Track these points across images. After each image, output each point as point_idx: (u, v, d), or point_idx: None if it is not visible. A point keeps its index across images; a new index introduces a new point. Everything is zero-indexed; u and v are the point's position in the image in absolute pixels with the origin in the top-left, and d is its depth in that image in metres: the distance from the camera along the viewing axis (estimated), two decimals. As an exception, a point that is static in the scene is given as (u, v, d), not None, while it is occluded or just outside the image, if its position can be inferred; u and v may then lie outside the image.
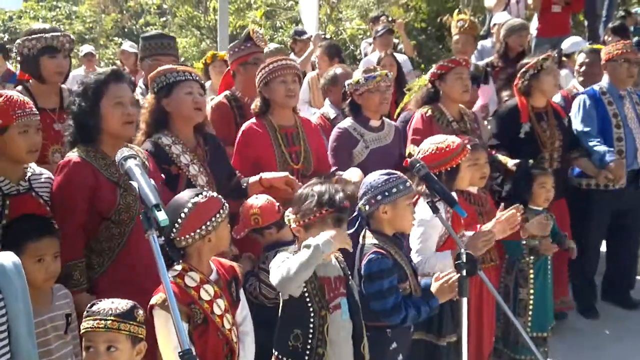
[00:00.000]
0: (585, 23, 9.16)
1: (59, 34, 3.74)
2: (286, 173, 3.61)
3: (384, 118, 4.37)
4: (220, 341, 2.57)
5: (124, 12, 19.36)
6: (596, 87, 5.12)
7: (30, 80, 3.76)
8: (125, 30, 18.96)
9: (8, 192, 2.87)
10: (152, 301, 2.47)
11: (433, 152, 3.54)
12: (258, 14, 17.49)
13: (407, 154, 4.09)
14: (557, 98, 5.26)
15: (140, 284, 2.79)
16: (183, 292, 2.49)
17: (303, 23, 9.60)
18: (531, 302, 4.10)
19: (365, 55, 7.77)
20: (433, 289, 2.97)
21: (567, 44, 6.61)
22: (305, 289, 2.68)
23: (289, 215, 2.84)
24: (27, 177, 2.98)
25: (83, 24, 16.84)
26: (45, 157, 3.49)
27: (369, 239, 3.01)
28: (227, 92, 4.52)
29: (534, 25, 7.62)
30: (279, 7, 17.81)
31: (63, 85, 3.88)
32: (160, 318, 2.45)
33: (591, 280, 5.31)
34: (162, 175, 3.25)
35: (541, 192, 4.21)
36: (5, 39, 15.47)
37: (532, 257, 4.12)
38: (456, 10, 6.76)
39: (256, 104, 3.93)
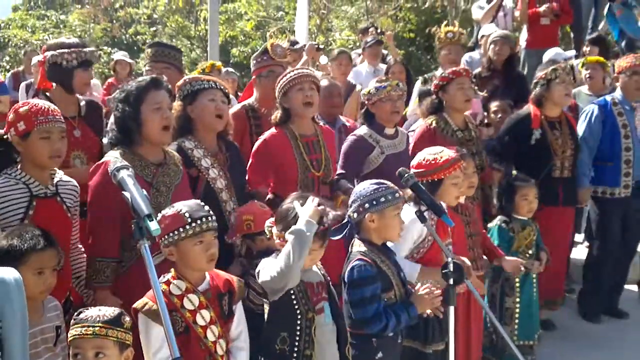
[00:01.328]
0: (572, 35, 9.27)
1: (93, 49, 3.99)
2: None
3: (397, 127, 4.45)
4: (203, 352, 2.57)
5: (114, 21, 19.33)
6: (609, 97, 5.26)
7: (52, 89, 3.88)
8: (115, 39, 18.93)
9: (37, 194, 2.98)
10: (135, 305, 2.50)
11: (422, 160, 3.56)
12: (249, 26, 17.56)
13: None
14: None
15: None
16: (166, 298, 2.49)
17: (296, 33, 9.63)
18: (517, 310, 4.14)
19: (355, 66, 7.80)
20: (413, 298, 2.99)
21: (549, 54, 6.69)
22: (291, 291, 2.71)
23: (270, 226, 2.85)
24: (54, 182, 3.08)
25: (72, 34, 16.77)
26: (66, 163, 3.60)
27: (357, 246, 3.02)
28: (245, 102, 4.66)
29: (523, 37, 7.71)
30: (269, 17, 17.88)
31: (78, 95, 4.00)
32: (142, 322, 2.49)
33: (603, 286, 5.34)
34: None
35: (523, 203, 4.26)
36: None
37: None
38: (444, 23, 6.85)
39: (276, 115, 3.98)
